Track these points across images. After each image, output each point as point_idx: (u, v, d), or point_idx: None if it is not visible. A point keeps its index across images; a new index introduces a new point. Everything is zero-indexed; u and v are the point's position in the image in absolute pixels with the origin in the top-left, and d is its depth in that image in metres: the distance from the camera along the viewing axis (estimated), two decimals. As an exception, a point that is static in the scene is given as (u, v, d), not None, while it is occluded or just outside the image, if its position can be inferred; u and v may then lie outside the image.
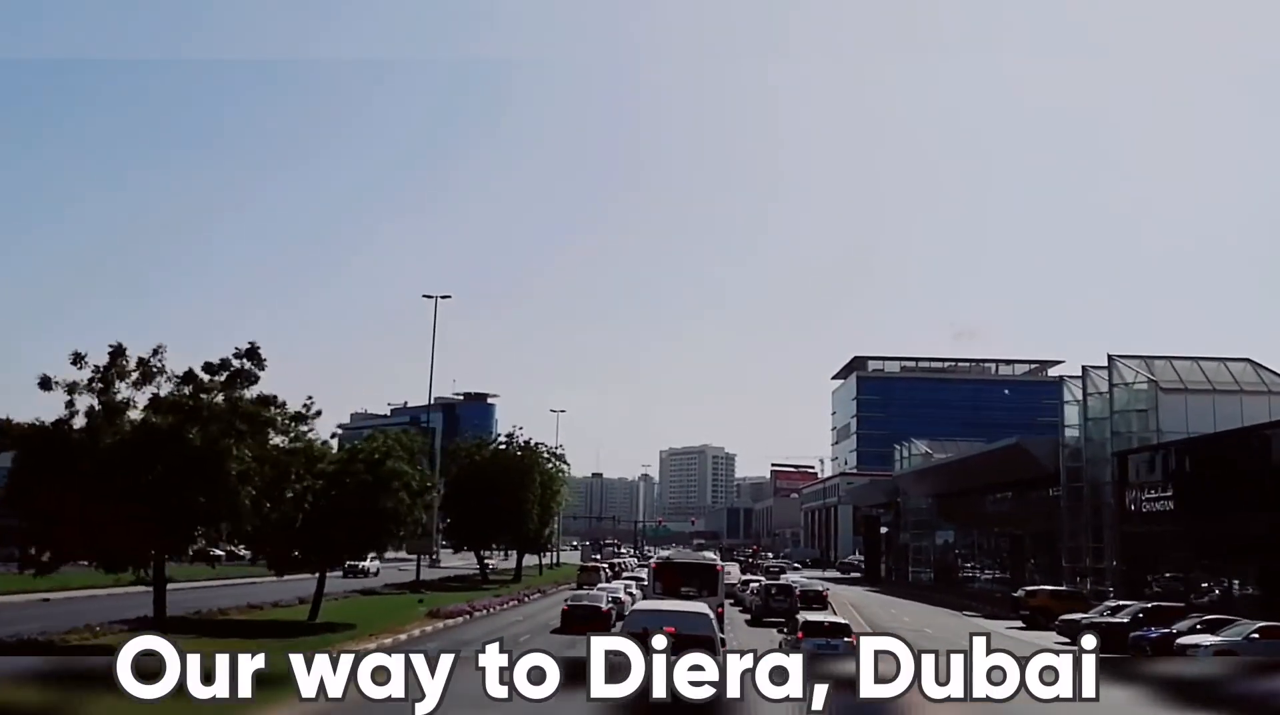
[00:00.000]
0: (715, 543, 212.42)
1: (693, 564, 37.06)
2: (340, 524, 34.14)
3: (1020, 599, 47.67)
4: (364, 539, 35.46)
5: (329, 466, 35.28)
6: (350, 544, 35.65)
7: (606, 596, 41.01)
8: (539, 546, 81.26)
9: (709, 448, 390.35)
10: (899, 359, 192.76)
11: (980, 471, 70.95)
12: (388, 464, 35.58)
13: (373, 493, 34.82)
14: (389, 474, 35.38)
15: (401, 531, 36.76)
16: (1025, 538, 68.36)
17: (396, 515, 35.26)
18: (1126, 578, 49.13)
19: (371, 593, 54.53)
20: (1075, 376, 58.33)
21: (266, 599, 41.67)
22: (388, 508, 34.79)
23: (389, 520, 35.15)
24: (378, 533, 35.45)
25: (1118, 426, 52.72)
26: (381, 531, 35.39)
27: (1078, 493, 56.80)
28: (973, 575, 79.00)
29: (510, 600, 52.75)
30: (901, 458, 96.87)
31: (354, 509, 34.36)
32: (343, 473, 35.28)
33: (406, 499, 35.66)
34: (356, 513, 34.42)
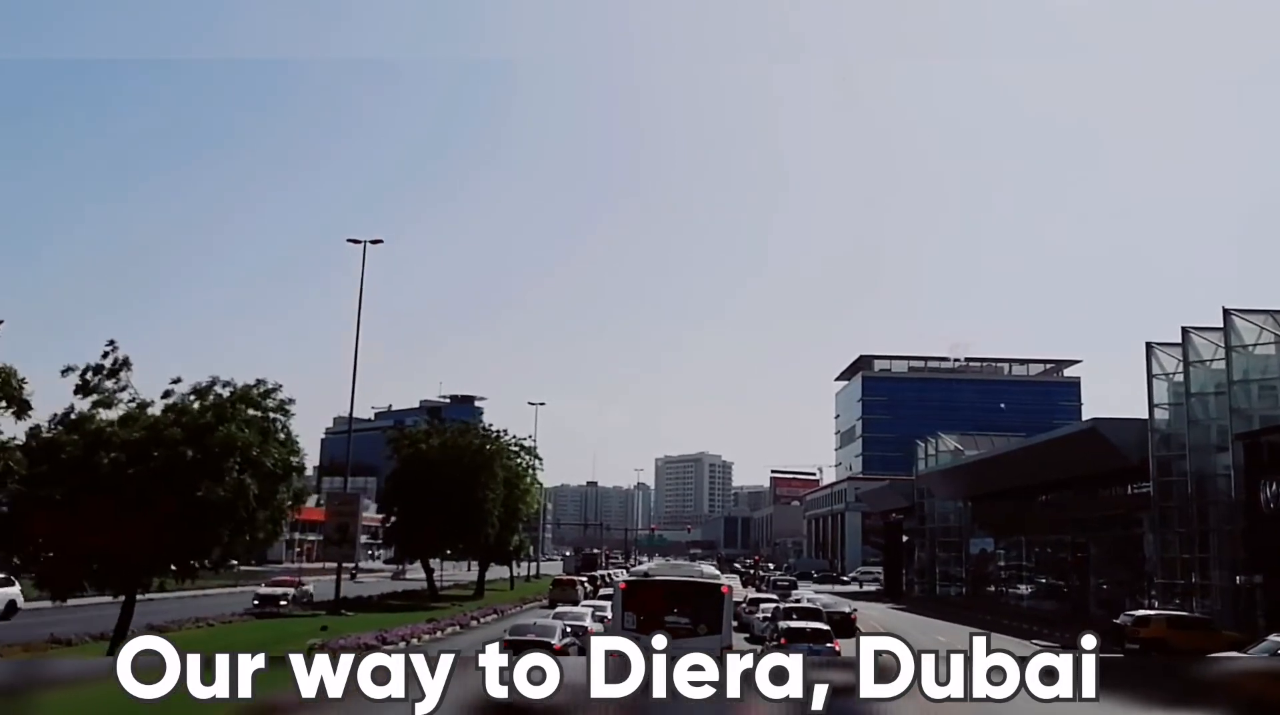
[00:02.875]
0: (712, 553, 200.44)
1: (684, 583, 23.49)
2: (137, 524, 22.09)
3: (1126, 627, 35.53)
4: (177, 545, 23.04)
5: (131, 434, 23.23)
6: (155, 554, 23.34)
7: (562, 628, 28.91)
8: (506, 556, 68.84)
9: (706, 456, 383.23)
10: (906, 358, 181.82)
11: (1033, 466, 58.72)
12: (220, 431, 23.40)
13: (192, 475, 22.70)
14: (222, 446, 23.20)
15: (251, 534, 24.35)
16: (1089, 546, 56.15)
17: (233, 510, 23.02)
18: (1273, 598, 36.84)
19: (274, 616, 42.70)
20: (1164, 343, 46.22)
21: (59, 631, 29.68)
22: (216, 498, 22.56)
23: (219, 517, 22.88)
24: (200, 536, 23.07)
25: (1238, 401, 40.57)
26: (206, 535, 23.02)
27: (1172, 489, 44.69)
28: (1019, 591, 66.67)
29: (450, 625, 40.75)
30: (925, 456, 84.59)
31: (160, 500, 22.30)
32: (150, 444, 23.20)
33: (253, 486, 23.44)
34: (164, 506, 22.36)
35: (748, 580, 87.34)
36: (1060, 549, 60.68)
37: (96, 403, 24.26)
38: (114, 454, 22.39)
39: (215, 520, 22.73)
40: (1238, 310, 40.97)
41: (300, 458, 25.88)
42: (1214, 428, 43.12)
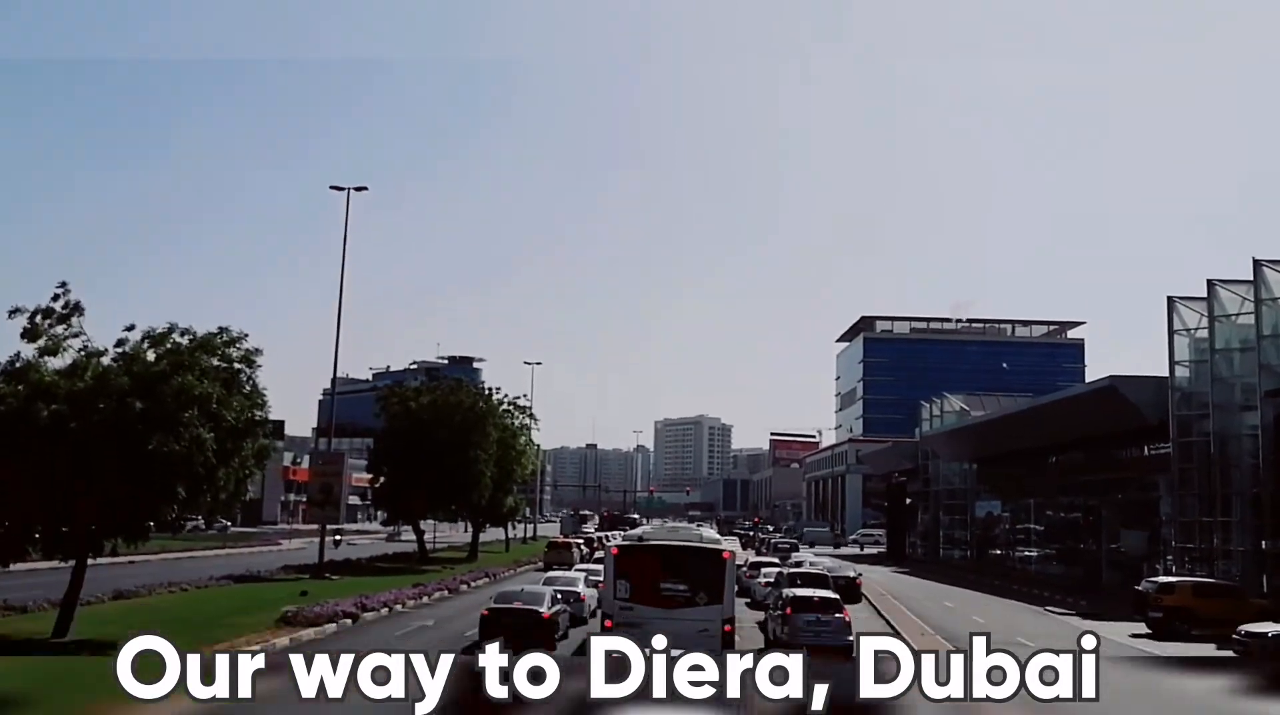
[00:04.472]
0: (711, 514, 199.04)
1: (682, 549, 21.74)
2: (80, 482, 20.09)
3: (1148, 594, 33.62)
4: (126, 505, 20.95)
5: (75, 384, 21.17)
6: (101, 515, 21.28)
7: (551, 595, 27.01)
8: (501, 518, 67.03)
9: (705, 418, 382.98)
10: (908, 319, 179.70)
11: (1045, 427, 56.73)
12: (175, 381, 21.29)
13: (141, 428, 20.63)
14: (176, 397, 21.11)
15: (213, 493, 22.26)
16: (1101, 509, 54.28)
17: (188, 466, 20.94)
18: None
19: (253, 579, 40.96)
20: (1187, 297, 44.06)
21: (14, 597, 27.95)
22: (168, 452, 20.47)
23: (171, 473, 20.80)
24: (151, 495, 20.99)
25: (1267, 357, 38.45)
26: (158, 493, 20.94)
27: (1192, 449, 42.75)
28: (1026, 555, 64.89)
29: (438, 590, 38.97)
30: (930, 417, 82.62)
31: (106, 457, 20.27)
32: (95, 395, 21.12)
33: (210, 440, 21.37)
34: (110, 463, 20.33)
35: (747, 543, 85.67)
36: (1071, 512, 58.86)
37: (43, 350, 22.18)
38: (55, 405, 20.31)
39: (168, 477, 20.64)
40: (1269, 261, 38.78)
41: (265, 412, 23.75)
42: (1239, 386, 41.10)
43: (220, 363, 23.30)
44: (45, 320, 22.57)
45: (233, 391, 22.80)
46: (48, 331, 22.49)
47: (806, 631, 24.18)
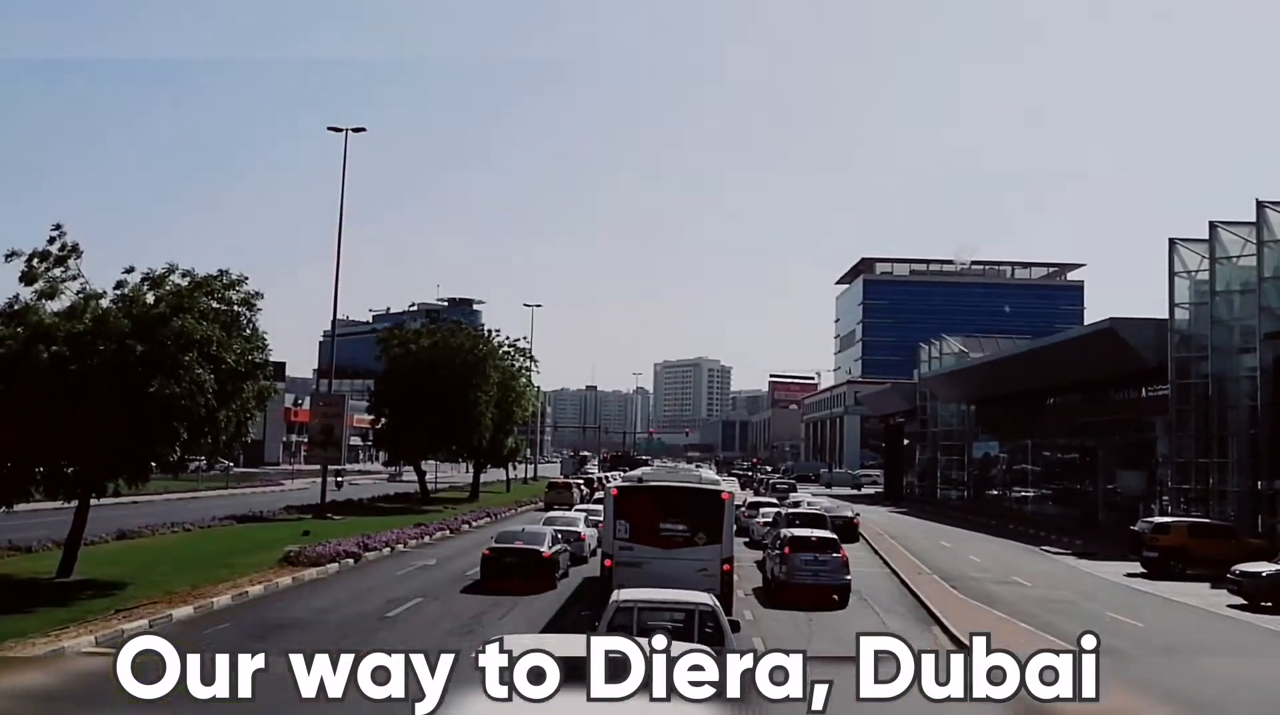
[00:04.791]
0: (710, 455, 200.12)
1: (681, 490, 21.86)
2: (81, 423, 20.14)
3: (1144, 534, 33.90)
4: (128, 446, 21.04)
5: (75, 327, 21.16)
6: (104, 456, 21.37)
7: (551, 535, 27.25)
8: (501, 459, 67.40)
9: (704, 360, 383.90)
10: (908, 261, 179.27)
11: (1043, 369, 56.83)
12: (174, 323, 21.26)
13: (141, 370, 20.64)
14: (176, 339, 21.09)
15: (214, 434, 22.32)
16: (1099, 450, 54.57)
17: (189, 408, 20.98)
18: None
19: (256, 519, 41.27)
20: (1188, 239, 43.82)
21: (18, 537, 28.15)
22: (169, 394, 20.50)
23: (172, 415, 20.84)
24: (153, 436, 21.06)
25: (1268, 299, 38.37)
26: (159, 434, 21.01)
27: (1190, 391, 42.83)
28: (1023, 495, 65.37)
29: (440, 530, 39.29)
30: (929, 359, 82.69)
31: (105, 399, 20.30)
32: (95, 337, 21.11)
33: (210, 382, 21.40)
34: (110, 405, 20.37)
35: (746, 483, 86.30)
36: (1068, 453, 59.19)
37: (40, 293, 22.11)
38: (55, 348, 20.30)
39: (169, 419, 20.70)
40: (1272, 203, 38.52)
41: (266, 355, 23.75)
42: (1238, 328, 41.06)
43: (220, 306, 23.21)
44: (42, 263, 22.49)
45: (233, 334, 22.75)
46: (45, 274, 22.40)
47: (804, 571, 24.42)
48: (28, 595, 20.32)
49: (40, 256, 22.39)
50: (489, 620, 20.52)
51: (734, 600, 20.81)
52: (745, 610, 22.04)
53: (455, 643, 17.76)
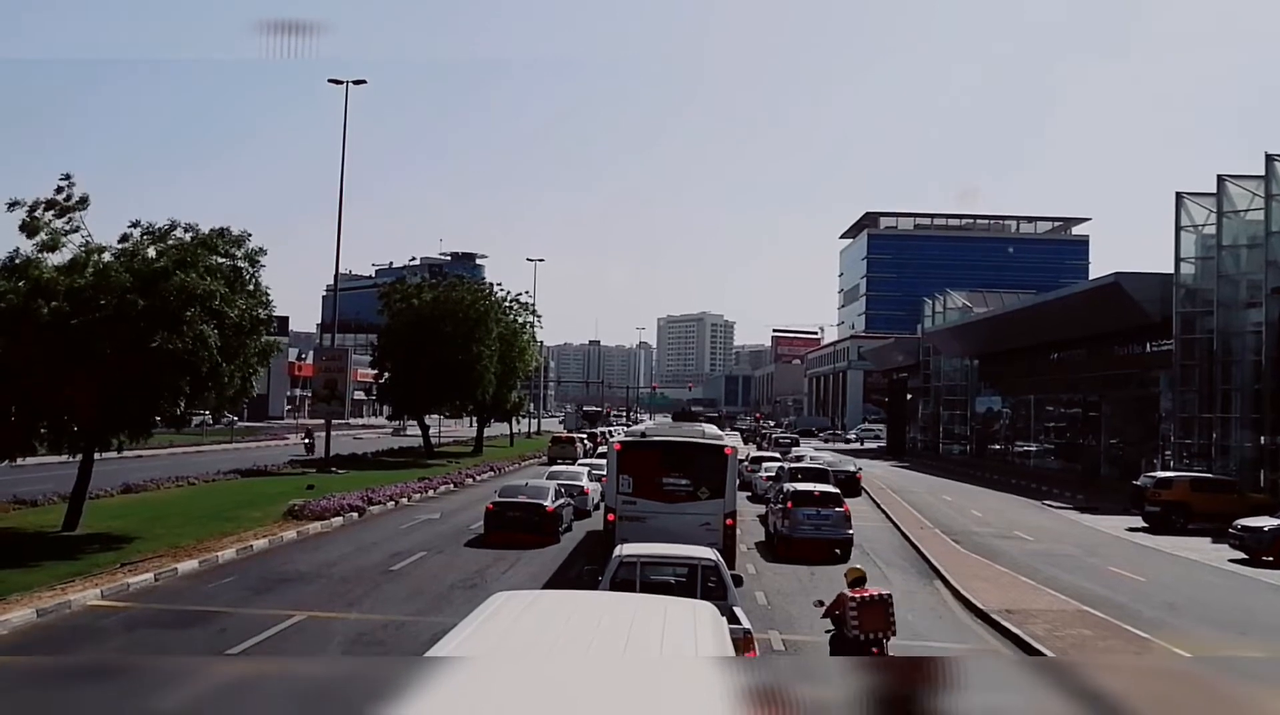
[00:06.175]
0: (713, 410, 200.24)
1: (684, 444, 21.84)
2: (83, 378, 20.11)
3: (1146, 489, 33.96)
4: (130, 401, 21.04)
5: (76, 281, 21.06)
6: (107, 410, 21.37)
7: (555, 489, 27.34)
8: (505, 413, 67.58)
9: (708, 315, 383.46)
10: (913, 215, 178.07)
11: (1047, 323, 56.68)
12: (176, 278, 21.16)
13: (142, 326, 20.57)
14: (177, 295, 21.00)
15: (218, 389, 22.29)
16: (1102, 405, 54.55)
17: (192, 363, 20.94)
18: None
19: (260, 473, 41.38)
20: (1196, 193, 43.44)
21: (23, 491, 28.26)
22: (171, 349, 20.46)
23: (176, 371, 20.82)
24: (150, 392, 21.03)
25: (1275, 254, 38.06)
26: (162, 389, 21.00)
27: (1195, 346, 42.68)
28: (1025, 450, 65.47)
29: (444, 483, 39.48)
30: (933, 313, 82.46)
31: (106, 354, 20.26)
32: (97, 292, 21.03)
33: (214, 337, 21.34)
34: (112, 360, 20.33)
35: (749, 437, 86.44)
36: (1071, 408, 59.17)
37: (41, 246, 21.95)
38: (55, 302, 20.22)
39: (171, 373, 20.67)
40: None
41: (269, 310, 23.67)
42: (1244, 283, 40.83)
43: (224, 261, 23.08)
44: (46, 212, 22.27)
45: (236, 290, 22.64)
46: (46, 225, 22.20)
47: (807, 525, 24.51)
48: (34, 549, 20.43)
49: (46, 205, 22.14)
50: (493, 574, 20.63)
51: (736, 554, 20.93)
52: (748, 564, 22.14)
53: (459, 596, 17.87)
